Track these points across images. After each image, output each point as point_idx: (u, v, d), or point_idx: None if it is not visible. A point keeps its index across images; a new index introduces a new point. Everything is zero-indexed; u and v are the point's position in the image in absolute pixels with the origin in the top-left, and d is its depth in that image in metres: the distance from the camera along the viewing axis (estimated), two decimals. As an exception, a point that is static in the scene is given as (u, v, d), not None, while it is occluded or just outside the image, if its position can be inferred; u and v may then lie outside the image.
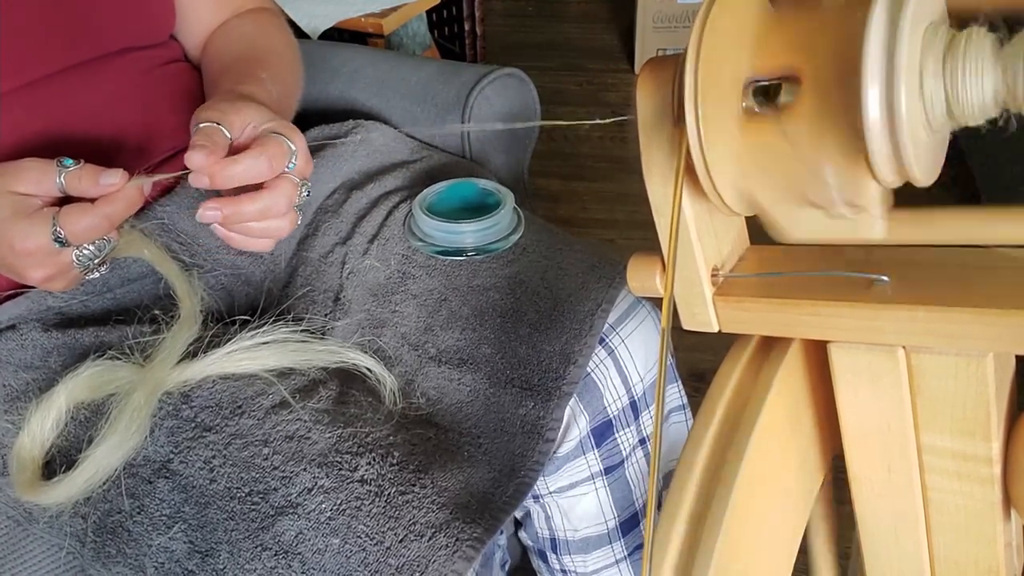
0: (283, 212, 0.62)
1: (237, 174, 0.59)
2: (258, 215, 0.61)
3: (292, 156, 0.62)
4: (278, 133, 0.61)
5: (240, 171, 0.59)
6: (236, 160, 0.59)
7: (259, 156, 0.59)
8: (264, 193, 0.60)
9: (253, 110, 0.63)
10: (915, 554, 0.41)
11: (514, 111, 0.95)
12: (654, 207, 0.38)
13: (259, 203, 0.60)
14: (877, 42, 0.29)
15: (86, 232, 0.58)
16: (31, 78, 0.67)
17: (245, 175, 0.59)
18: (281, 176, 0.61)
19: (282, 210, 0.61)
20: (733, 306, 0.39)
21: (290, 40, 0.85)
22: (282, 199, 0.61)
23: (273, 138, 0.60)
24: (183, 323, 0.64)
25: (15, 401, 0.64)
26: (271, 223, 0.62)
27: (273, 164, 0.60)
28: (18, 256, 0.58)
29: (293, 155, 0.62)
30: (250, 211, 0.60)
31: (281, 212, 0.61)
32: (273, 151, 0.60)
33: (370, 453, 0.59)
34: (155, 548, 0.58)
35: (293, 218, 0.64)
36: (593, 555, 0.78)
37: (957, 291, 0.34)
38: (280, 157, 0.60)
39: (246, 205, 0.60)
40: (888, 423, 0.37)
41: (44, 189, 0.58)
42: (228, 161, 0.58)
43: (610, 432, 0.73)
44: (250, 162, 0.59)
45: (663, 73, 0.36)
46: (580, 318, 0.69)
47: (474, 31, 2.06)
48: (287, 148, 0.61)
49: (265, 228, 0.62)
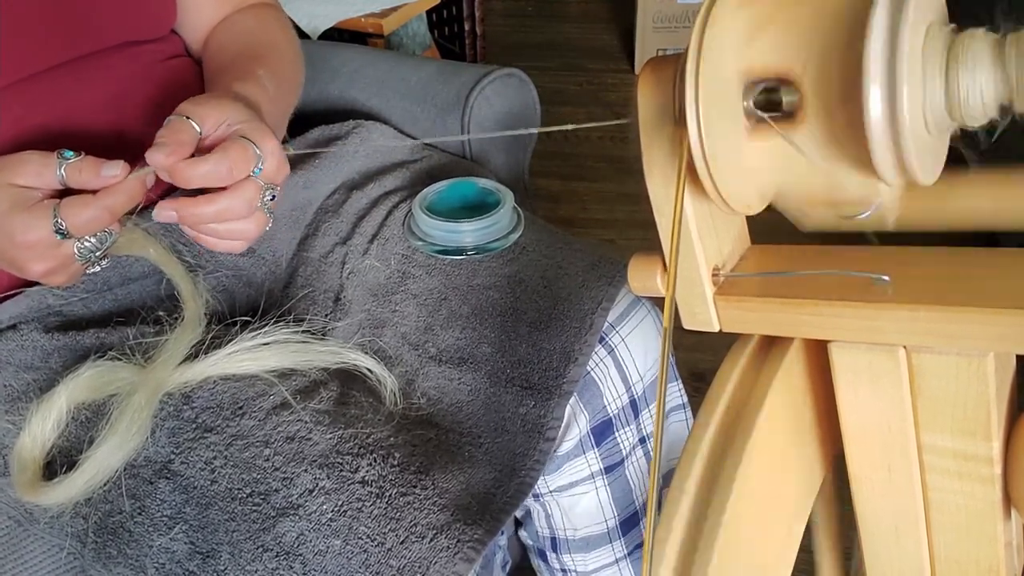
0: (243, 215, 0.61)
1: (199, 175, 0.58)
2: (215, 217, 0.60)
3: (258, 161, 0.61)
4: (247, 137, 0.60)
5: (200, 174, 0.58)
6: (198, 162, 0.58)
7: (220, 161, 0.58)
8: (222, 195, 0.59)
9: (232, 108, 0.62)
10: (915, 554, 0.41)
11: (514, 111, 0.95)
12: (655, 207, 0.38)
13: (216, 205, 0.59)
14: (878, 42, 0.29)
15: (88, 224, 0.57)
16: (32, 72, 0.67)
17: (204, 179, 0.58)
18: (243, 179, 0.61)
19: (241, 213, 0.60)
20: (734, 305, 0.39)
21: (291, 35, 0.85)
22: (240, 202, 0.60)
23: (239, 143, 0.60)
24: (187, 325, 0.64)
25: (16, 402, 0.64)
26: (234, 225, 0.61)
27: (234, 170, 0.59)
28: (19, 249, 0.57)
29: (259, 160, 0.61)
30: (207, 212, 0.59)
31: (241, 215, 0.61)
32: (235, 156, 0.59)
33: (371, 454, 0.59)
34: (156, 549, 0.58)
35: (261, 220, 0.63)
36: (593, 554, 0.78)
37: (957, 291, 0.34)
38: (243, 163, 0.59)
39: (202, 207, 0.59)
40: (888, 423, 0.37)
41: (45, 181, 0.58)
42: (190, 163, 0.58)
43: (610, 431, 0.73)
44: (211, 167, 0.58)
45: (664, 73, 0.36)
46: (580, 316, 0.69)
47: (474, 31, 2.06)
48: (252, 153, 0.60)
49: (229, 230, 0.62)
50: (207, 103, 0.62)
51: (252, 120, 0.63)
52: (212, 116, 0.61)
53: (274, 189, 0.63)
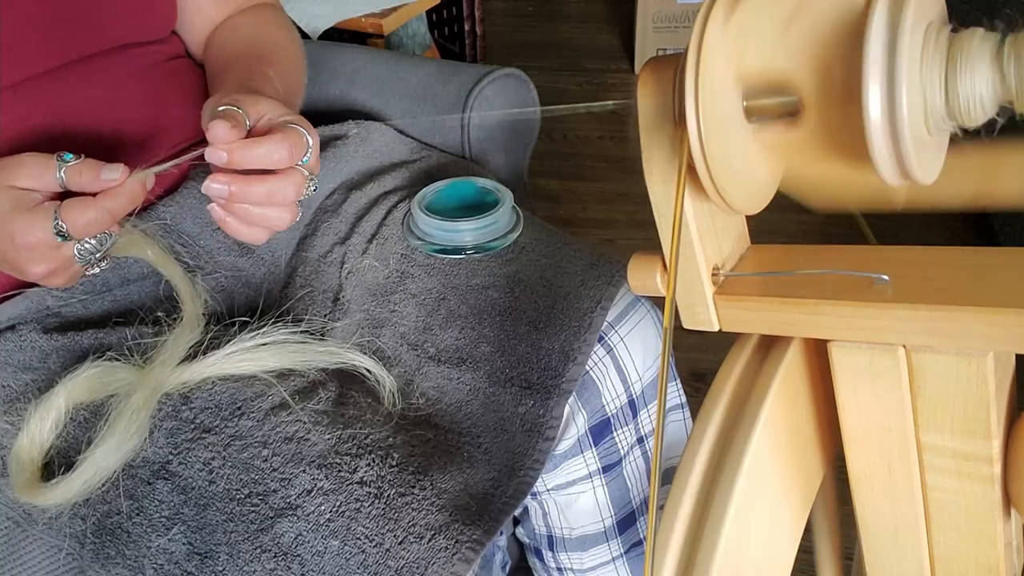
0: (289, 201, 0.61)
1: (257, 155, 0.58)
2: (264, 198, 0.60)
3: (308, 151, 0.61)
4: (295, 125, 0.61)
5: (260, 153, 0.58)
6: (257, 142, 0.58)
7: (282, 142, 0.58)
8: (275, 177, 0.59)
9: (267, 103, 0.63)
10: (915, 553, 0.41)
11: (514, 111, 0.95)
12: (655, 207, 0.38)
13: (267, 186, 0.59)
14: (878, 42, 0.29)
15: (88, 226, 0.57)
16: (33, 73, 0.67)
17: (265, 159, 0.58)
18: (292, 166, 0.61)
19: (289, 198, 0.60)
20: (734, 305, 0.39)
21: (293, 36, 0.85)
22: (290, 187, 0.60)
23: (295, 129, 0.60)
24: (185, 326, 0.64)
25: (14, 402, 0.64)
26: (272, 211, 0.61)
27: (294, 153, 0.59)
28: (19, 250, 0.58)
29: (309, 149, 0.61)
30: (258, 192, 0.59)
31: (287, 200, 0.61)
32: (295, 141, 0.59)
33: (369, 455, 0.59)
34: (154, 549, 0.58)
35: (295, 211, 0.63)
36: (590, 552, 0.78)
37: (957, 290, 0.34)
38: (300, 148, 0.60)
39: (254, 185, 0.59)
40: (888, 422, 0.37)
41: (44, 184, 0.58)
42: (250, 141, 0.58)
43: (608, 430, 0.73)
44: (272, 146, 0.58)
45: (664, 73, 0.36)
46: (579, 316, 0.69)
47: (474, 31, 2.06)
48: (305, 141, 0.61)
49: (265, 215, 0.61)
50: (247, 98, 0.62)
51: (291, 112, 0.63)
52: (255, 110, 0.61)
53: (315, 181, 0.63)
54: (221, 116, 0.58)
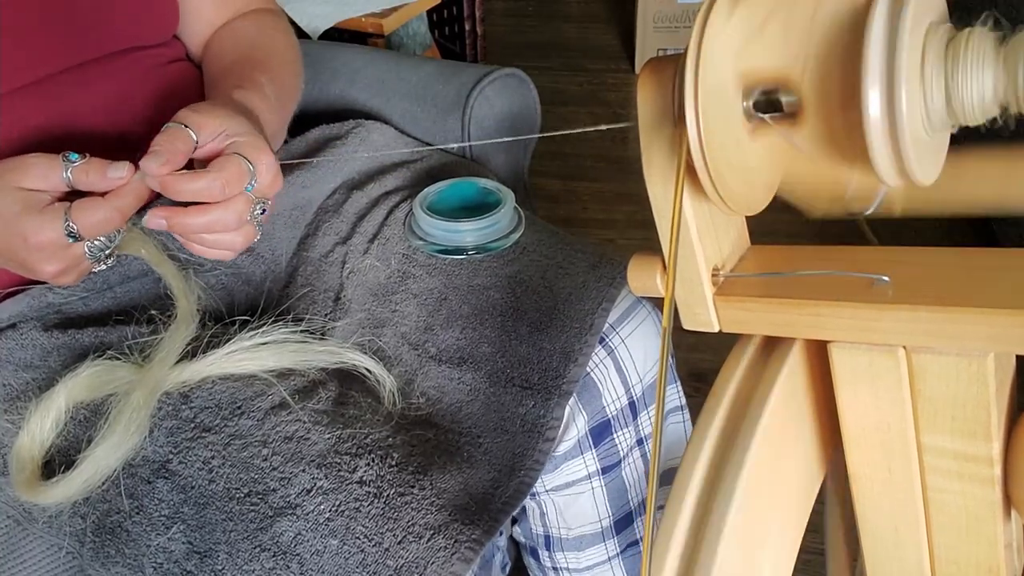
0: (231, 228, 0.61)
1: (189, 191, 0.58)
2: (204, 228, 0.60)
3: (251, 178, 0.61)
4: (242, 153, 0.60)
5: (192, 189, 0.58)
6: (191, 178, 0.58)
7: (215, 180, 0.58)
8: (213, 208, 0.60)
9: (230, 119, 0.63)
10: (915, 554, 0.41)
11: (514, 111, 0.95)
12: (655, 207, 0.38)
13: (206, 217, 0.60)
14: (877, 42, 0.29)
15: (99, 225, 0.58)
16: (36, 76, 0.68)
17: (196, 195, 0.59)
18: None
19: (230, 226, 0.61)
20: (734, 306, 0.39)
21: (291, 41, 0.85)
22: (230, 215, 0.60)
23: (234, 160, 0.60)
24: (180, 322, 0.64)
25: (15, 401, 0.64)
26: (221, 237, 0.62)
27: (227, 188, 0.59)
28: (31, 250, 0.58)
29: (252, 177, 0.61)
30: (196, 223, 0.60)
31: (229, 227, 0.61)
32: (230, 176, 0.59)
33: (369, 454, 0.59)
34: (154, 548, 0.58)
35: (248, 232, 0.63)
36: (586, 552, 0.78)
37: (958, 291, 0.34)
38: (236, 180, 0.60)
39: (192, 217, 0.60)
40: (888, 423, 0.37)
41: (51, 184, 0.59)
42: (182, 177, 0.58)
43: (608, 432, 0.73)
44: (204, 183, 0.58)
45: (664, 73, 0.36)
46: (580, 317, 0.69)
47: (474, 31, 2.06)
48: (245, 170, 0.60)
49: (217, 240, 0.62)
50: (206, 112, 0.62)
51: (249, 134, 0.63)
52: (210, 125, 0.61)
53: (265, 203, 0.63)
54: (159, 141, 0.58)
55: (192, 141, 0.60)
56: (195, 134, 0.60)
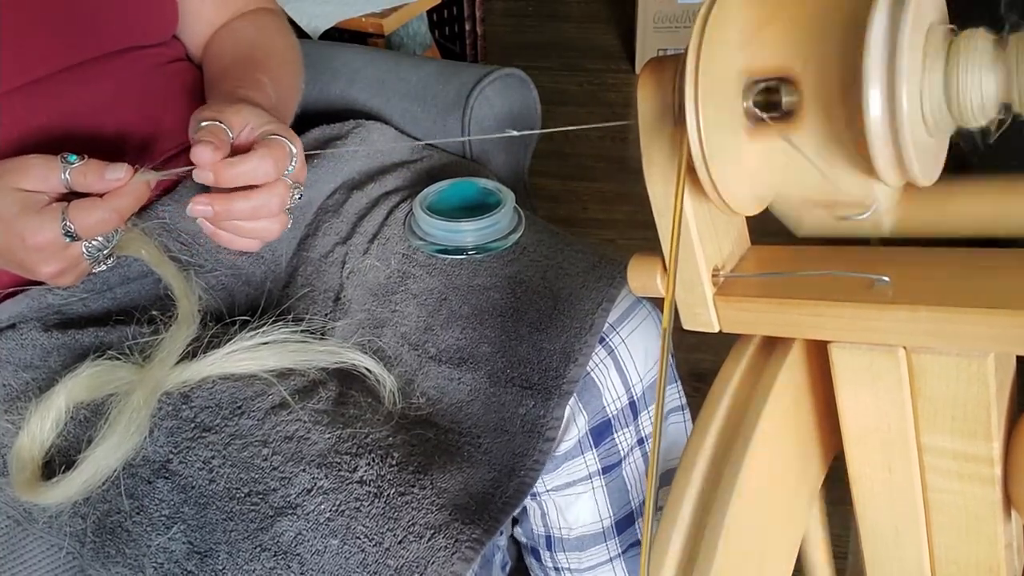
0: (274, 213, 0.62)
1: (242, 173, 0.59)
2: (249, 214, 0.61)
3: (292, 159, 0.62)
4: (278, 135, 0.61)
5: (245, 171, 0.59)
6: (242, 160, 0.59)
7: (265, 157, 0.59)
8: (258, 192, 0.60)
9: (251, 112, 0.63)
10: (916, 554, 0.41)
11: (514, 111, 0.95)
12: (655, 207, 0.38)
13: (252, 201, 0.60)
14: (878, 43, 0.29)
15: (96, 226, 0.58)
16: (35, 76, 0.68)
17: (251, 175, 0.59)
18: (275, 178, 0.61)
19: (274, 211, 0.61)
20: (734, 306, 0.39)
21: (292, 42, 0.85)
22: (275, 200, 0.61)
23: (276, 140, 0.61)
24: (181, 323, 0.64)
25: (15, 401, 0.64)
26: (261, 224, 0.62)
27: (278, 166, 0.60)
28: (29, 251, 0.58)
29: (293, 158, 0.62)
30: (242, 209, 0.60)
31: (273, 213, 0.61)
32: (278, 154, 0.60)
33: (369, 454, 0.59)
34: (154, 548, 0.58)
35: (284, 220, 0.64)
36: (587, 552, 0.78)
37: (958, 291, 0.34)
38: (283, 160, 0.60)
39: (238, 202, 0.60)
40: (888, 423, 0.37)
41: (50, 185, 0.59)
42: (234, 160, 0.59)
43: (608, 432, 0.73)
44: (255, 162, 0.59)
45: (664, 73, 0.36)
46: (580, 317, 0.69)
47: (474, 31, 2.06)
48: (289, 151, 0.61)
49: (254, 228, 0.62)
50: (228, 109, 0.62)
51: (275, 122, 0.64)
52: (237, 121, 0.62)
53: (300, 188, 0.64)
54: (204, 135, 0.59)
55: (229, 136, 0.61)
56: (229, 130, 0.61)
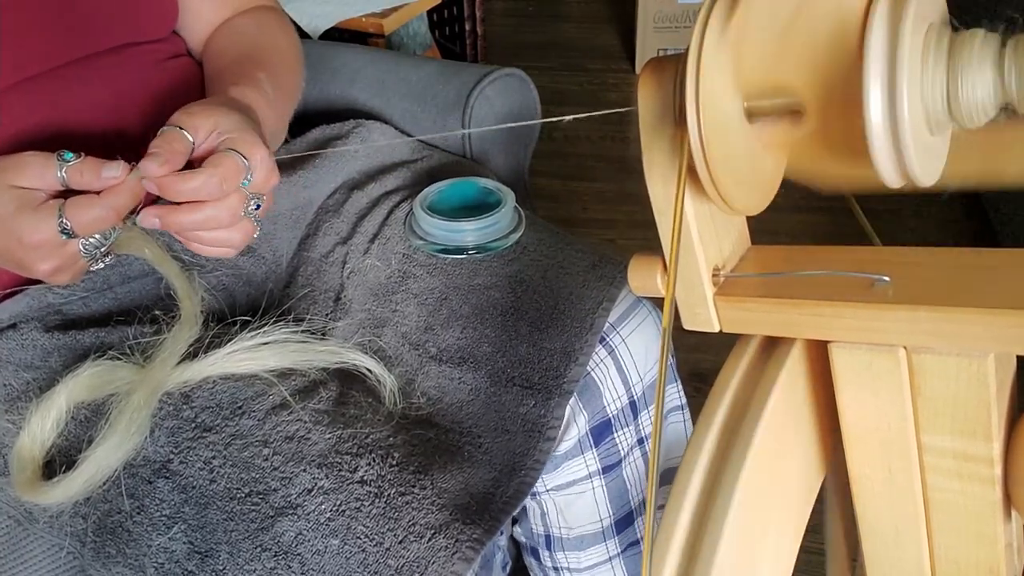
0: (225, 224, 0.61)
1: (186, 191, 0.58)
2: (198, 225, 0.60)
3: (247, 173, 0.60)
4: (236, 149, 0.60)
5: (190, 188, 0.58)
6: (188, 177, 0.58)
7: (211, 176, 0.58)
8: (204, 205, 0.59)
9: (223, 116, 0.62)
10: (916, 554, 0.41)
11: (514, 111, 0.95)
12: (655, 207, 0.38)
13: (198, 214, 0.59)
14: (878, 42, 0.29)
15: (93, 224, 0.58)
16: (34, 72, 0.68)
17: (195, 193, 0.58)
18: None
19: (224, 222, 0.60)
20: (734, 306, 0.39)
21: (292, 39, 0.85)
22: (223, 212, 0.60)
23: (229, 156, 0.59)
24: (184, 324, 0.64)
25: (15, 401, 0.64)
26: (218, 234, 0.61)
27: (224, 185, 0.59)
28: (26, 249, 0.58)
29: (248, 172, 0.60)
30: (190, 221, 0.59)
31: (223, 224, 0.61)
32: (226, 172, 0.59)
33: (370, 454, 0.59)
34: (155, 548, 0.58)
35: (246, 228, 0.62)
36: (587, 552, 0.78)
37: (958, 291, 0.34)
38: (233, 177, 0.59)
39: (185, 215, 0.59)
40: (889, 423, 0.37)
41: (46, 183, 0.58)
42: (180, 177, 0.58)
43: (609, 431, 0.73)
44: (202, 180, 0.58)
45: (664, 73, 0.36)
46: (581, 316, 0.69)
47: (474, 31, 2.06)
48: (241, 166, 0.60)
49: (214, 238, 0.62)
50: (199, 113, 0.62)
51: (242, 130, 0.62)
52: (204, 126, 0.61)
53: (260, 198, 0.63)
54: (157, 145, 0.58)
55: (189, 143, 0.60)
56: (191, 135, 0.60)
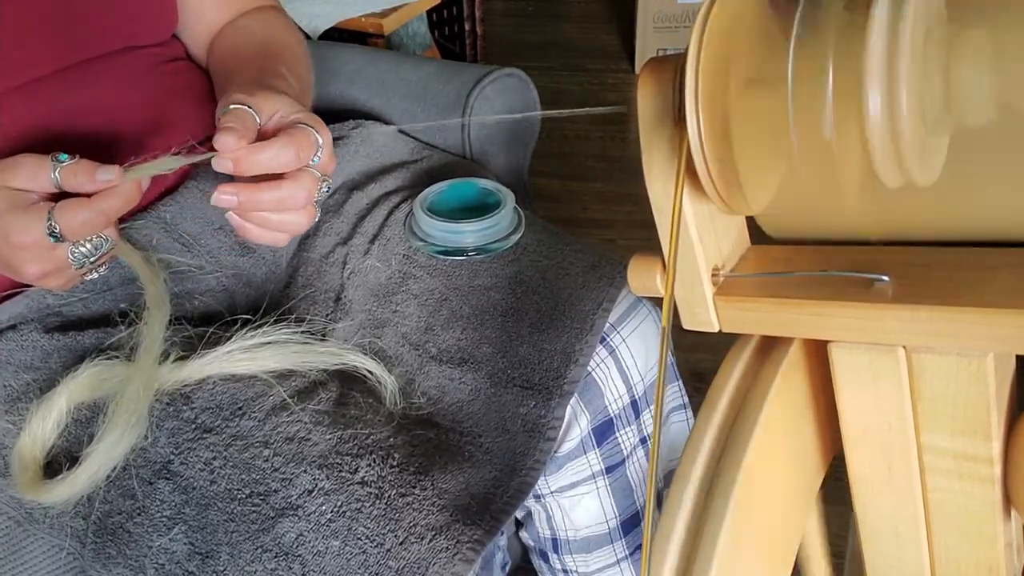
0: (301, 205, 0.60)
1: (263, 161, 0.57)
2: (275, 205, 0.59)
3: (318, 150, 0.60)
4: (306, 124, 0.60)
5: (267, 158, 0.57)
6: (264, 146, 0.57)
7: (287, 145, 0.57)
8: (285, 183, 0.58)
9: (280, 99, 0.62)
10: (916, 554, 0.41)
11: (514, 111, 0.95)
12: (655, 207, 0.38)
13: (278, 192, 0.58)
14: (878, 42, 0.29)
15: (82, 227, 0.57)
16: (33, 76, 0.67)
17: (271, 163, 0.57)
18: (302, 168, 0.60)
19: (300, 203, 0.60)
20: (734, 306, 0.39)
21: (299, 37, 0.84)
22: (301, 191, 0.59)
23: (302, 129, 0.59)
24: (153, 308, 0.63)
25: (16, 402, 0.64)
26: (288, 216, 0.60)
27: (301, 155, 0.58)
28: (14, 250, 0.57)
29: (319, 148, 0.60)
30: (268, 200, 0.58)
31: (299, 205, 0.60)
32: (301, 142, 0.58)
33: (370, 455, 0.59)
34: (155, 549, 0.58)
35: (311, 213, 0.62)
36: (594, 555, 0.78)
37: (957, 291, 0.34)
38: (308, 149, 0.59)
39: (264, 193, 0.58)
40: (888, 423, 0.37)
41: (39, 184, 0.57)
42: (256, 147, 0.57)
43: (611, 431, 0.73)
44: (278, 150, 0.57)
45: (664, 73, 0.36)
46: (581, 317, 0.69)
47: (474, 31, 2.06)
48: (315, 140, 0.59)
49: (282, 221, 0.60)
50: (260, 94, 0.61)
51: (305, 111, 0.62)
52: (267, 107, 0.60)
53: (328, 180, 0.62)
54: (229, 120, 0.57)
55: (256, 121, 0.59)
56: (257, 115, 0.59)
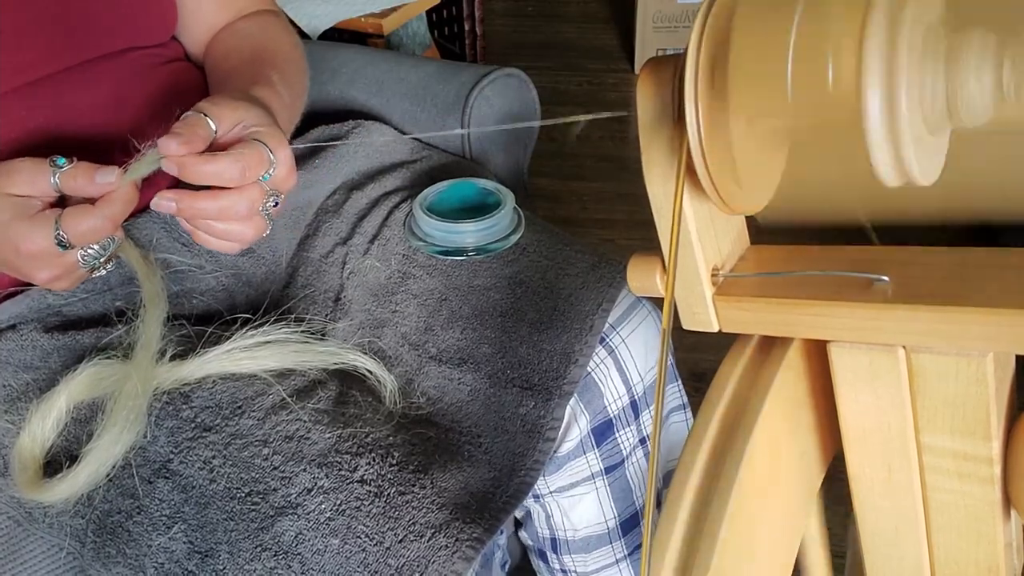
0: (242, 216, 0.60)
1: (207, 172, 0.57)
2: (216, 214, 0.59)
3: (270, 167, 0.60)
4: (262, 142, 0.60)
5: (211, 171, 0.57)
6: (210, 159, 0.57)
7: (235, 162, 0.57)
8: (226, 193, 0.58)
9: (249, 110, 0.62)
10: (915, 554, 0.41)
11: (514, 111, 0.95)
12: (654, 207, 0.38)
13: (218, 202, 0.58)
14: (877, 42, 0.29)
15: (89, 234, 0.57)
16: (33, 77, 0.67)
17: (216, 177, 0.57)
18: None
19: (241, 214, 0.59)
20: (733, 306, 0.39)
21: (296, 42, 0.85)
22: (243, 203, 0.59)
23: (255, 146, 0.59)
24: (149, 305, 0.63)
25: (15, 402, 0.64)
26: (231, 226, 0.60)
27: (248, 173, 0.58)
28: (23, 258, 0.58)
29: (271, 166, 0.60)
30: (208, 208, 0.58)
31: (240, 216, 0.59)
32: (251, 160, 0.58)
33: (370, 453, 0.59)
34: (155, 548, 0.58)
35: (259, 225, 0.62)
36: (594, 555, 0.78)
37: (957, 291, 0.34)
38: (256, 167, 0.58)
39: (204, 202, 0.58)
40: (888, 423, 0.37)
41: (39, 189, 0.58)
42: (202, 158, 0.57)
43: (610, 432, 0.73)
44: (224, 165, 0.57)
45: (663, 73, 0.36)
46: (581, 317, 0.69)
47: (474, 31, 2.06)
48: (266, 158, 0.59)
49: (226, 230, 0.60)
50: (225, 103, 0.61)
51: (269, 125, 0.62)
52: (229, 116, 0.60)
53: (278, 196, 0.62)
54: (178, 126, 0.57)
55: (211, 129, 0.59)
56: (214, 123, 0.59)
